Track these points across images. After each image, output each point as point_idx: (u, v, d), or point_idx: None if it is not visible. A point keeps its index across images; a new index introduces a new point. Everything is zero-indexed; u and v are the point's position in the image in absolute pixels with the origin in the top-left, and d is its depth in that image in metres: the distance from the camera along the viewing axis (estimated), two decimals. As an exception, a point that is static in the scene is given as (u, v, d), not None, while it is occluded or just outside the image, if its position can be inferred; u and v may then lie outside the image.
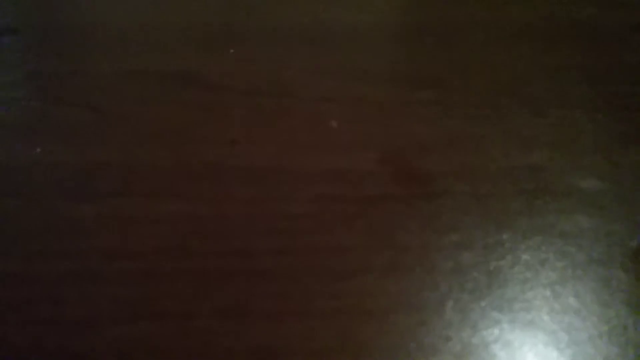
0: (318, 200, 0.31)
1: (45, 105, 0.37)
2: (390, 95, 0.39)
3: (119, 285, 0.27)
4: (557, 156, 0.34)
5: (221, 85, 0.39)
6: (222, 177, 0.32)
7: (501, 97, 0.39)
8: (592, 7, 0.48)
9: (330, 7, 0.48)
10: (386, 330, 0.25)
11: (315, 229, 0.30)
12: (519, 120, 0.37)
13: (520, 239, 0.29)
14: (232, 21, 0.46)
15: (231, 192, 0.32)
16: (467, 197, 0.31)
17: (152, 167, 0.33)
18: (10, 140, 0.35)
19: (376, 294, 0.27)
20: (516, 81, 0.40)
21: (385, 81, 0.40)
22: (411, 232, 0.29)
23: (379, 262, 0.28)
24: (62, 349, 0.24)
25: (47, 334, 0.25)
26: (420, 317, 0.26)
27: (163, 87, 0.39)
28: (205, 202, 0.31)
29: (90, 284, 0.27)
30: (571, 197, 0.31)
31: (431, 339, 0.25)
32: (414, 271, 0.28)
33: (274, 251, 0.28)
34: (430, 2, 0.49)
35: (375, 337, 0.25)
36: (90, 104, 0.37)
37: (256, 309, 0.26)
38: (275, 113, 0.37)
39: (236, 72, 0.41)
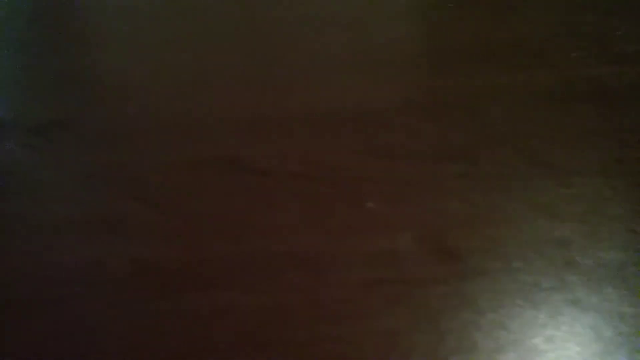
0: (362, 286, 0.34)
1: (99, 201, 0.42)
2: (420, 170, 0.43)
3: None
4: (582, 228, 0.37)
5: (267, 170, 0.43)
6: (273, 265, 0.36)
7: (526, 167, 0.42)
8: (607, 64, 0.51)
9: (360, 86, 0.51)
10: (437, 412, 0.28)
11: (360, 315, 0.33)
12: (544, 191, 0.40)
13: (553, 315, 0.32)
14: (273, 106, 0.50)
15: (283, 280, 0.35)
16: (501, 274, 0.34)
17: (207, 260, 0.37)
18: (66, 237, 0.39)
19: (424, 376, 0.30)
20: (540, 149, 0.43)
21: (414, 157, 0.44)
22: (452, 313, 0.33)
23: (425, 345, 0.31)
24: None
25: None
26: (466, 397, 0.29)
27: (213, 174, 0.43)
28: (260, 292, 0.34)
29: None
30: (597, 271, 0.34)
31: (478, 419, 0.28)
32: (457, 353, 0.31)
33: (327, 339, 0.32)
34: (452, 71, 0.53)
35: (427, 419, 0.28)
36: (145, 197, 0.41)
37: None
38: (318, 196, 0.41)
39: (280, 156, 0.44)
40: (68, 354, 0.32)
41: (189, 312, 0.34)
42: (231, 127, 0.47)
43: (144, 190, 0.42)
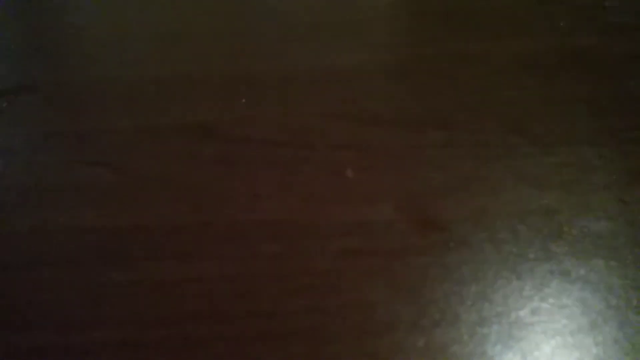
0: (341, 256, 0.32)
1: (66, 167, 0.39)
2: (401, 138, 0.40)
3: (158, 355, 0.28)
4: (568, 198, 0.35)
5: (238, 137, 0.40)
6: (248, 234, 0.34)
7: (510, 135, 0.40)
8: (593, 35, 0.49)
9: (335, 49, 0.49)
10: (417, 388, 0.26)
11: (340, 286, 0.31)
12: (529, 160, 0.38)
13: (539, 287, 0.30)
14: (241, 67, 0.47)
15: (257, 249, 0.33)
16: (485, 244, 0.33)
17: (178, 228, 0.34)
18: (34, 205, 0.36)
19: (405, 350, 0.28)
20: (523, 117, 0.41)
21: (395, 124, 0.41)
22: (434, 284, 0.31)
23: (406, 318, 0.29)
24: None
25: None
26: (449, 373, 0.27)
27: (181, 141, 0.40)
28: (233, 262, 0.32)
29: (129, 354, 0.28)
30: (585, 241, 0.32)
31: (461, 395, 0.26)
32: (439, 325, 0.29)
33: (303, 311, 0.30)
34: (432, 36, 0.50)
35: (407, 396, 0.26)
36: (112, 163, 0.38)
37: (291, 373, 0.27)
38: (293, 164, 0.38)
39: (252, 121, 0.42)
40: (24, 326, 0.30)
41: (155, 281, 0.31)
42: (202, 91, 0.44)
43: (110, 156, 0.39)
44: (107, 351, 0.28)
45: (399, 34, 0.51)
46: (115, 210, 0.35)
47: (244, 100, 0.44)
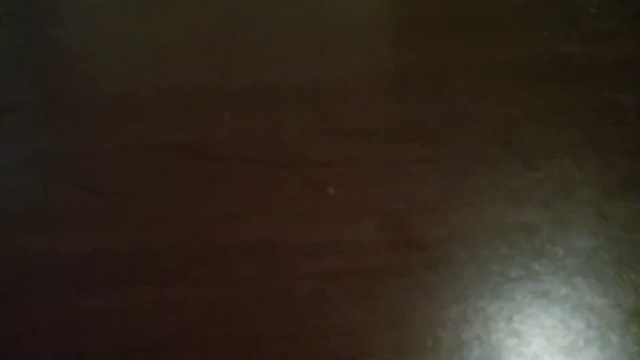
0: (321, 278, 0.32)
1: (47, 191, 0.38)
2: (383, 153, 0.40)
3: (136, 385, 0.27)
4: (550, 214, 0.34)
5: (220, 154, 0.40)
6: (227, 256, 0.33)
7: (492, 148, 0.40)
8: (578, 43, 0.49)
9: (320, 62, 0.48)
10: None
11: (320, 311, 0.30)
12: (511, 174, 0.37)
13: (520, 307, 0.30)
14: (225, 81, 0.46)
15: (237, 272, 0.32)
16: (466, 264, 0.32)
17: (157, 252, 0.33)
18: (13, 230, 0.36)
19: (385, 376, 0.28)
20: (506, 129, 0.41)
21: (378, 138, 0.41)
22: (415, 306, 0.30)
23: (386, 343, 0.29)
24: None
25: None
26: (428, 399, 0.27)
27: (163, 160, 0.40)
28: (213, 286, 0.32)
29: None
30: (566, 259, 0.32)
31: (441, 423, 0.26)
32: (421, 349, 0.28)
33: (281, 337, 0.29)
34: (417, 46, 0.50)
35: None
36: (93, 185, 0.38)
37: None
38: (274, 182, 0.38)
39: (234, 139, 0.41)
40: (12, 349, 0.29)
41: (130, 308, 0.31)
42: (183, 108, 0.44)
43: (91, 177, 0.39)
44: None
45: (383, 45, 0.50)
46: (94, 234, 0.35)
47: (227, 117, 0.43)
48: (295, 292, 0.31)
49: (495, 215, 0.35)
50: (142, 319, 0.30)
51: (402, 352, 0.28)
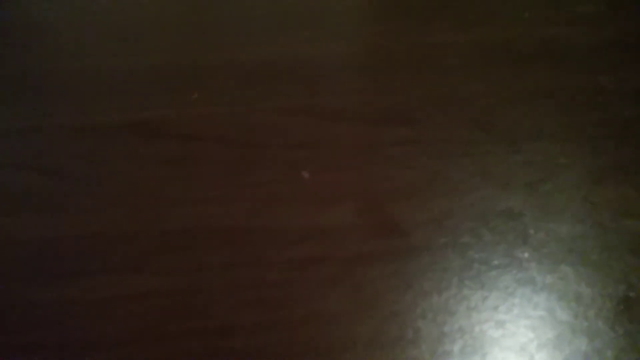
0: (296, 265, 0.30)
1: None
2: (362, 135, 0.38)
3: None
4: (534, 199, 0.33)
5: (188, 135, 0.37)
6: (194, 243, 0.31)
7: (475, 131, 0.38)
8: (560, 25, 0.47)
9: (296, 38, 0.45)
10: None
11: (295, 299, 0.28)
12: (494, 158, 0.36)
13: (504, 297, 0.28)
14: (195, 59, 0.43)
15: (206, 260, 0.30)
16: (448, 250, 0.30)
17: (119, 239, 0.31)
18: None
19: (362, 370, 0.25)
20: (489, 112, 0.39)
21: (356, 120, 0.39)
22: (395, 295, 0.28)
23: (364, 334, 0.27)
24: None
25: None
26: (409, 394, 0.25)
27: (125, 141, 0.37)
28: (180, 275, 0.29)
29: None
30: (551, 245, 0.30)
31: (422, 420, 0.24)
32: (400, 341, 0.26)
33: (255, 327, 0.27)
34: (398, 27, 0.48)
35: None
36: (45, 166, 0.35)
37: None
38: (246, 165, 0.35)
39: (203, 118, 0.38)
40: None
41: (89, 300, 0.28)
42: (149, 86, 0.41)
43: (45, 159, 0.36)
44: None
45: (363, 24, 0.48)
46: (47, 219, 0.32)
47: (195, 95, 0.40)
48: (268, 280, 0.29)
49: (478, 200, 0.33)
50: (100, 311, 0.27)
51: (381, 343, 0.26)
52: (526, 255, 0.30)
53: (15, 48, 0.44)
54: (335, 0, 0.49)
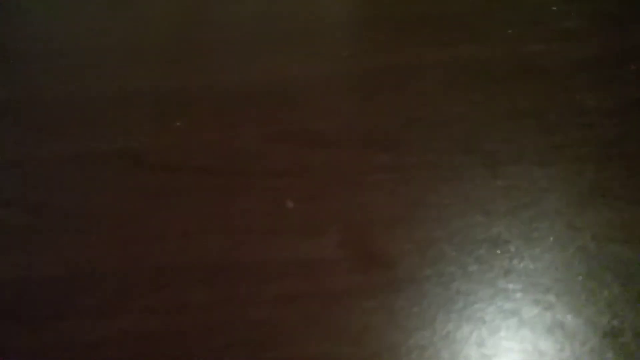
0: (278, 302, 0.29)
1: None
2: (345, 161, 0.37)
3: None
4: (518, 225, 0.32)
5: (171, 165, 0.36)
6: (175, 281, 0.30)
7: (458, 155, 0.37)
8: (542, 42, 0.47)
9: (277, 60, 0.45)
10: None
11: (277, 338, 0.27)
12: (477, 183, 0.35)
13: (490, 331, 0.27)
14: (178, 83, 0.42)
15: (185, 298, 0.29)
16: (433, 282, 0.30)
17: (96, 278, 0.30)
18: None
19: (347, 412, 0.25)
20: (472, 134, 0.38)
21: (339, 145, 0.38)
22: (379, 332, 0.27)
23: (348, 375, 0.26)
24: None
25: None
26: None
27: (108, 171, 0.36)
28: (158, 316, 0.28)
29: None
30: (536, 274, 0.30)
31: None
32: (384, 381, 0.26)
33: (237, 370, 0.26)
34: (380, 46, 0.47)
35: None
36: (24, 200, 0.34)
37: None
38: (229, 195, 0.34)
39: (186, 146, 0.37)
40: None
41: (66, 344, 0.27)
42: (130, 114, 0.40)
43: (22, 191, 0.34)
44: None
45: (343, 45, 0.47)
46: (23, 257, 0.31)
47: (178, 123, 0.39)
48: (249, 319, 0.28)
49: (461, 228, 0.32)
50: (80, 356, 0.26)
51: (366, 385, 0.26)
52: (511, 285, 0.29)
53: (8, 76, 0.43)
54: (315, 20, 0.48)
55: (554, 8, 0.51)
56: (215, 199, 0.34)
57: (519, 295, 0.29)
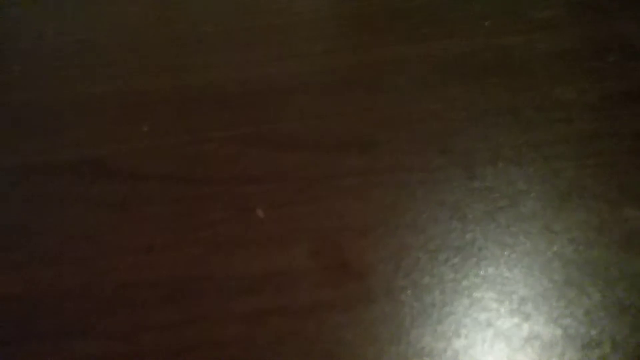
0: (247, 320, 0.27)
1: None
2: (317, 165, 0.35)
3: None
4: (495, 231, 0.31)
5: (134, 173, 0.34)
6: (138, 300, 0.28)
7: (433, 156, 0.35)
8: (519, 34, 0.45)
9: (245, 59, 0.43)
10: None
11: (245, 358, 0.26)
12: (453, 185, 0.33)
13: (464, 346, 0.26)
14: (144, 87, 0.40)
15: (149, 317, 0.27)
16: (408, 293, 0.28)
17: (56, 297, 0.28)
18: None
19: None
20: (446, 132, 0.37)
21: (312, 148, 0.36)
22: (352, 348, 0.26)
23: (318, 397, 0.24)
24: None
25: None
26: None
27: (69, 182, 0.34)
28: (118, 338, 0.26)
29: None
30: (512, 282, 0.28)
31: None
32: (356, 403, 0.24)
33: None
34: (355, 42, 0.45)
35: None
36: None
37: None
38: (196, 204, 0.32)
39: (152, 153, 0.36)
40: None
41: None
42: (97, 116, 0.38)
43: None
44: None
45: (314, 42, 0.45)
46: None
47: (145, 128, 0.37)
48: (217, 339, 0.27)
49: (437, 235, 0.31)
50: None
51: (337, 409, 0.24)
52: (487, 295, 0.28)
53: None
54: (283, 18, 0.46)
55: (529, -3, 0.49)
56: (183, 209, 0.32)
57: (494, 305, 0.27)
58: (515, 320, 0.27)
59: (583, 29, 0.45)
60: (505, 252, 0.30)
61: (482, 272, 0.29)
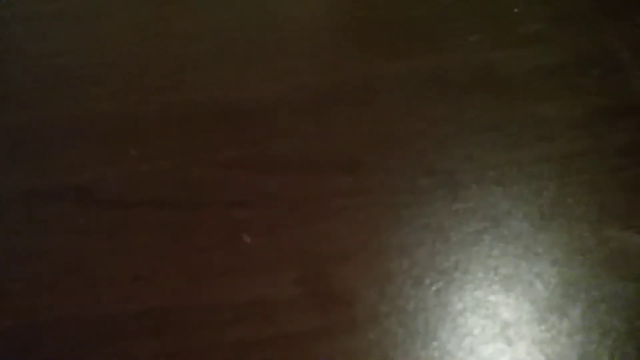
0: (234, 350, 0.27)
1: None
2: (303, 187, 0.35)
3: None
4: (476, 253, 0.31)
5: (120, 200, 0.34)
6: (123, 332, 0.28)
7: (419, 176, 0.35)
8: (503, 49, 0.45)
9: (231, 78, 0.42)
10: None
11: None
12: (437, 206, 0.33)
13: (449, 371, 0.26)
14: (130, 109, 0.40)
15: (134, 351, 0.27)
16: (392, 320, 0.28)
17: (39, 329, 0.28)
18: None
19: None
20: (432, 153, 0.37)
21: (298, 169, 0.36)
22: (336, 378, 0.26)
23: None
24: None
25: None
26: None
27: (56, 210, 0.33)
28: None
29: None
30: (494, 307, 0.29)
31: None
32: None
33: None
34: (341, 58, 0.45)
35: None
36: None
37: None
38: (182, 231, 0.32)
39: (139, 178, 0.35)
40: None
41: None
42: (83, 140, 0.37)
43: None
44: None
45: (300, 59, 0.44)
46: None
47: (133, 152, 0.37)
48: (204, 370, 0.27)
49: (421, 259, 0.31)
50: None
51: None
52: (470, 321, 0.28)
53: None
54: (273, 33, 0.46)
55: (515, 10, 0.49)
56: (169, 236, 0.32)
57: (477, 331, 0.28)
58: (499, 345, 0.27)
59: (568, 43, 0.45)
60: (489, 275, 0.30)
61: (465, 297, 0.29)
